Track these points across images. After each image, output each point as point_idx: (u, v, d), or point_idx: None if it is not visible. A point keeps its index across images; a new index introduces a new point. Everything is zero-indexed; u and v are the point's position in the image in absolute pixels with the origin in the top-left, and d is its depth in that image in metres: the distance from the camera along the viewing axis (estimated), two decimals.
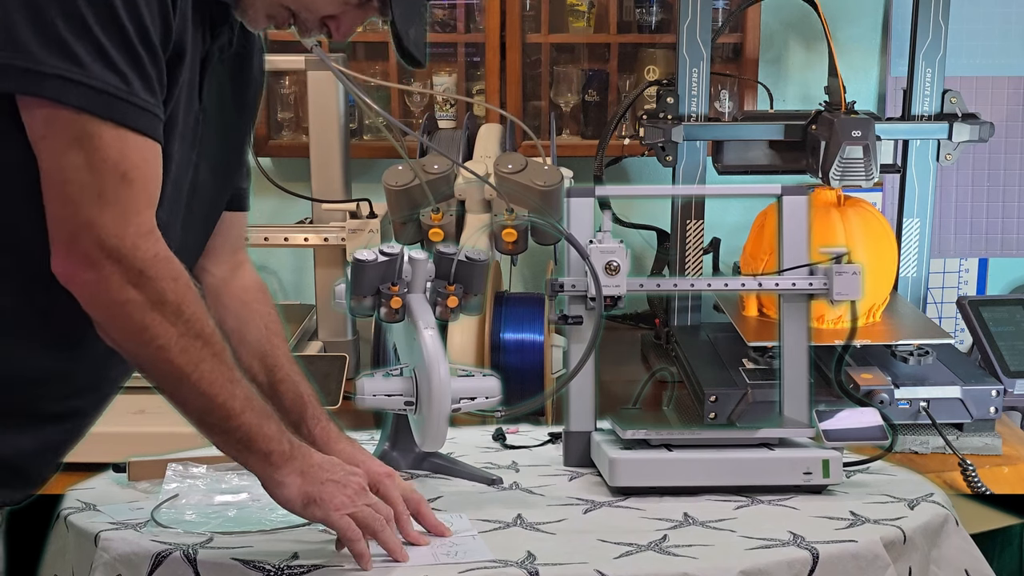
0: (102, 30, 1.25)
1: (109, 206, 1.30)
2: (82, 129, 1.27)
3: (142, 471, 1.91)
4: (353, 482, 1.50)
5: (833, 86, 2.76)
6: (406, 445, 1.89)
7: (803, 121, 2.80)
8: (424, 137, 2.90)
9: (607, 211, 1.99)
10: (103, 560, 1.59)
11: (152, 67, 1.30)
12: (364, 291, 1.83)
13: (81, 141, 1.27)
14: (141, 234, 1.33)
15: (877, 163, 2.64)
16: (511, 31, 3.44)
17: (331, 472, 1.50)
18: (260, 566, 1.51)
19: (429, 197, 2.65)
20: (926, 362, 2.70)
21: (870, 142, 2.60)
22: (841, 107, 2.72)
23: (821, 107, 2.79)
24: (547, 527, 1.68)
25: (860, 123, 2.61)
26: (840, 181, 2.62)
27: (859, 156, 2.60)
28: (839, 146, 2.60)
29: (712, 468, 1.85)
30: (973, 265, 3.74)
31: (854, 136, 2.60)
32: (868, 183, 2.64)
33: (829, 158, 2.62)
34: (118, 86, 1.28)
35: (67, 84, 1.25)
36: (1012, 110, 3.63)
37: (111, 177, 1.29)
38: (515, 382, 2.41)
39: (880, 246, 2.76)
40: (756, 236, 2.86)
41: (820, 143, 2.66)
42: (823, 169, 2.64)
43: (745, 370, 2.64)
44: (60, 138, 1.27)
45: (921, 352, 2.71)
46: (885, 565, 1.60)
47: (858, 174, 2.61)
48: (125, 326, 1.36)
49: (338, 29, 1.49)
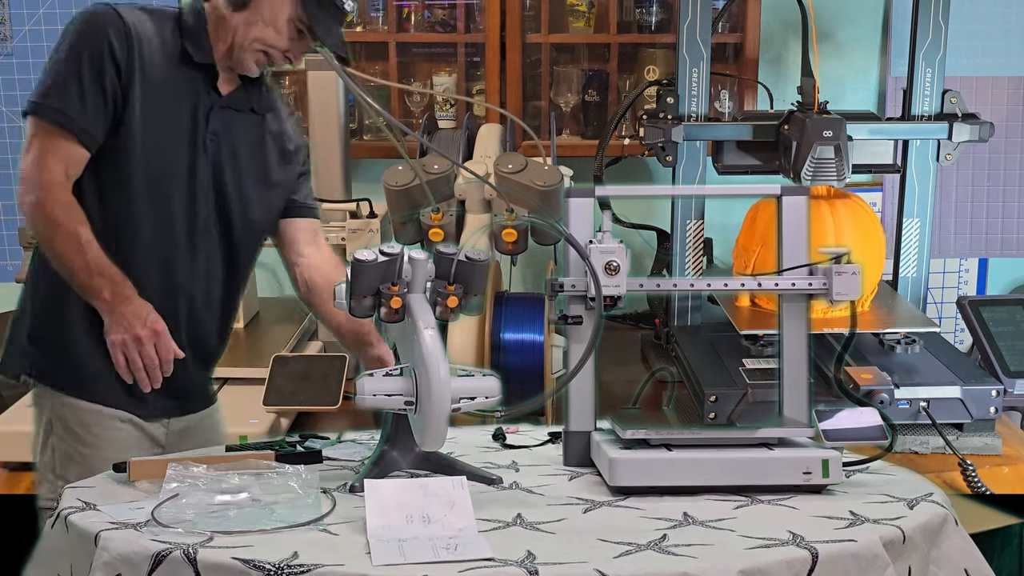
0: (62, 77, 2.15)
1: (30, 158, 2.15)
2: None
3: (142, 471, 1.91)
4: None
5: (806, 86, 2.76)
6: (406, 445, 1.89)
7: (774, 122, 2.80)
8: (424, 137, 2.91)
9: (607, 211, 1.99)
10: (103, 559, 1.59)
11: (81, 97, 2.12)
12: (364, 291, 1.83)
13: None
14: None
15: (848, 163, 2.64)
16: (511, 31, 3.44)
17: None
18: (260, 566, 1.51)
19: (429, 197, 2.65)
20: (914, 351, 2.72)
21: (841, 142, 2.61)
22: (814, 107, 2.72)
23: (793, 107, 2.79)
24: (547, 527, 1.69)
25: (831, 123, 2.62)
26: (812, 180, 2.63)
27: (831, 156, 2.61)
28: (811, 146, 2.61)
29: (712, 468, 1.85)
30: (973, 265, 3.74)
31: (825, 136, 2.60)
32: (840, 183, 2.65)
33: (801, 158, 2.63)
34: (64, 104, 2.13)
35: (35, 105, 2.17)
36: (1012, 110, 3.64)
37: (35, 144, 2.15)
38: (515, 382, 2.40)
39: (868, 237, 2.77)
40: (748, 228, 2.87)
41: (792, 143, 2.66)
42: (795, 169, 2.65)
43: (745, 370, 2.64)
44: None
45: (908, 341, 2.72)
46: (884, 565, 1.60)
47: (830, 174, 2.62)
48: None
49: (294, 57, 2.25)
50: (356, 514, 1.70)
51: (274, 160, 2.36)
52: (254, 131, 2.33)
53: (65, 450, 2.26)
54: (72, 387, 2.26)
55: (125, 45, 2.14)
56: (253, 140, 2.33)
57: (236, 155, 2.30)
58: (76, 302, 2.21)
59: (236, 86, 2.28)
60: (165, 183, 2.22)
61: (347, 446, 2.12)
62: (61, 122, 2.13)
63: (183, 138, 2.22)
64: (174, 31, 2.22)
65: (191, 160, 2.23)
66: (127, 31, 2.14)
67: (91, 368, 2.24)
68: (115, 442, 2.25)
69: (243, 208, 2.33)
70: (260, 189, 2.35)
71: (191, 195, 2.25)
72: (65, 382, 2.26)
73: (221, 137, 2.27)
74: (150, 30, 2.19)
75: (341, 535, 1.64)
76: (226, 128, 2.28)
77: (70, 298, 2.22)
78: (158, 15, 2.23)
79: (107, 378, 2.23)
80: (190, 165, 2.23)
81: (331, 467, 2.00)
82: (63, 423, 2.27)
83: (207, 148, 2.25)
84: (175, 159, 2.22)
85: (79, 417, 2.26)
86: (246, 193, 2.33)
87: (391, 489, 1.70)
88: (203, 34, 2.22)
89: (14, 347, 2.31)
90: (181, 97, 2.22)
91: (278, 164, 2.37)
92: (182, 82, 2.22)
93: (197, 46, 2.22)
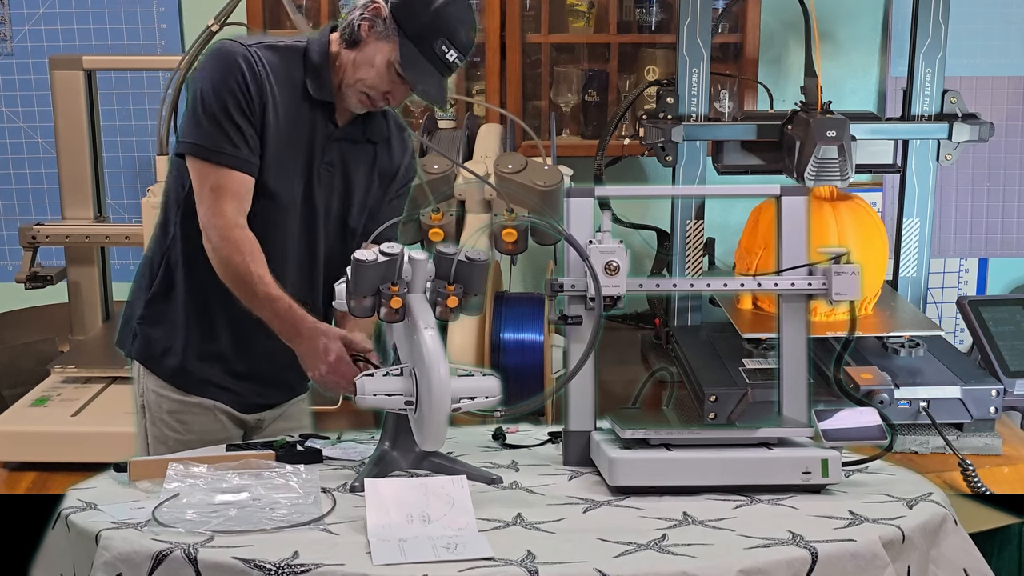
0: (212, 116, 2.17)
1: (205, 206, 2.18)
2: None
3: (143, 471, 1.92)
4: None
5: (810, 86, 2.76)
6: (406, 444, 1.90)
7: (778, 122, 2.80)
8: (424, 137, 2.91)
9: (607, 211, 1.99)
10: (104, 559, 1.60)
11: (236, 129, 2.16)
12: (364, 291, 1.83)
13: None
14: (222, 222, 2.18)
15: (852, 163, 2.64)
16: (511, 31, 3.44)
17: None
18: (260, 566, 1.51)
19: (429, 197, 2.65)
20: (917, 354, 2.72)
21: (845, 142, 2.60)
22: (817, 107, 2.72)
23: (797, 107, 2.79)
24: (547, 526, 1.69)
25: (835, 123, 2.62)
26: (815, 180, 2.63)
27: (834, 156, 2.61)
28: (814, 146, 2.60)
29: (711, 468, 1.85)
30: (973, 265, 3.74)
31: (829, 136, 2.60)
32: (844, 183, 2.65)
33: (804, 158, 2.63)
34: (219, 143, 2.16)
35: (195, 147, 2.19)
36: (1012, 110, 3.64)
37: (207, 191, 2.18)
38: (515, 382, 2.41)
39: (871, 240, 2.77)
40: (751, 231, 2.87)
41: (796, 143, 2.66)
42: (798, 169, 2.65)
43: (745, 370, 2.64)
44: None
45: (912, 344, 2.72)
46: (884, 564, 1.61)
47: (833, 174, 2.62)
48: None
49: (394, 98, 2.23)
50: (356, 514, 1.70)
51: (375, 187, 2.36)
52: (367, 161, 2.34)
53: (156, 434, 2.32)
54: (169, 376, 2.32)
55: (255, 80, 2.16)
56: (365, 170, 2.34)
57: (350, 185, 2.31)
58: (181, 301, 2.28)
59: (353, 116, 2.28)
60: (281, 213, 2.24)
61: (347, 446, 2.12)
62: (223, 162, 2.16)
63: (301, 169, 2.24)
64: (298, 66, 2.23)
65: (307, 191, 2.25)
66: (253, 66, 2.16)
67: (189, 365, 2.30)
68: (205, 431, 2.31)
69: (346, 237, 2.34)
70: (362, 219, 2.36)
71: (305, 224, 2.27)
72: (161, 371, 2.32)
73: (336, 169, 2.28)
74: (276, 64, 2.20)
75: (341, 535, 1.64)
76: (342, 159, 2.29)
77: (174, 295, 2.29)
78: (283, 50, 2.23)
79: (203, 374, 2.31)
80: (305, 196, 2.25)
81: (331, 467, 2.00)
82: (157, 408, 2.32)
83: (321, 179, 2.26)
84: (292, 189, 2.24)
85: (171, 406, 2.31)
86: (350, 222, 2.34)
87: (391, 488, 1.71)
88: (324, 69, 2.22)
89: (126, 326, 2.37)
90: (301, 129, 2.23)
91: (376, 191, 2.37)
92: (304, 114, 2.23)
93: (317, 82, 2.22)
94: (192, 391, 2.31)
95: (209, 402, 2.32)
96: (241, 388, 2.34)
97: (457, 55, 2.16)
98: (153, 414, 2.32)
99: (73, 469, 2.37)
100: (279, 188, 2.22)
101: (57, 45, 3.63)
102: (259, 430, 2.40)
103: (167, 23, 3.66)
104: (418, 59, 2.15)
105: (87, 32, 3.65)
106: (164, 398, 2.31)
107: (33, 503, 2.37)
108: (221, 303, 2.22)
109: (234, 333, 2.29)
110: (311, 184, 2.26)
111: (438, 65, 2.16)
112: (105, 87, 3.06)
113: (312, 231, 2.29)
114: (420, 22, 2.14)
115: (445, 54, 2.14)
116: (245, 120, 2.16)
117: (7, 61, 3.66)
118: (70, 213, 3.12)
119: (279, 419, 2.43)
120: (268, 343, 2.17)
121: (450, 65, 2.17)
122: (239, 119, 2.16)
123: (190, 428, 2.31)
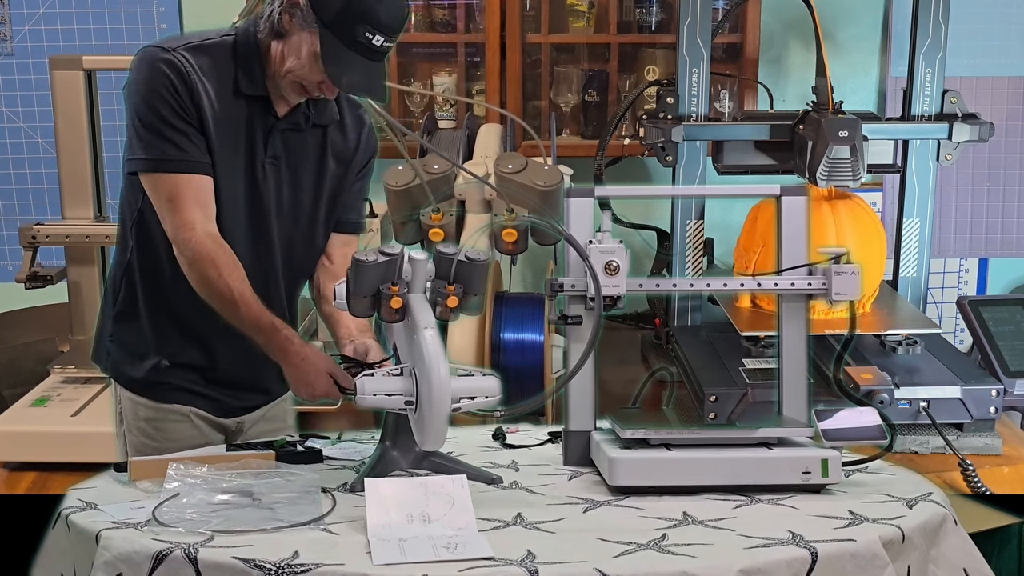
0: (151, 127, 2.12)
1: (168, 220, 2.13)
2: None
3: (143, 470, 1.92)
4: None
5: (821, 86, 2.76)
6: (406, 444, 1.90)
7: (791, 121, 2.80)
8: (424, 137, 2.91)
9: (607, 211, 1.99)
10: (104, 559, 1.60)
11: (178, 134, 2.11)
12: (364, 291, 1.83)
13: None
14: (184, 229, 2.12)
15: (864, 163, 2.64)
16: (511, 31, 3.44)
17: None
18: (261, 565, 1.52)
19: (429, 197, 2.65)
20: (915, 352, 2.72)
21: (857, 142, 2.60)
22: (829, 107, 2.72)
23: (809, 107, 2.79)
24: (547, 526, 1.69)
25: (847, 123, 2.61)
26: (827, 181, 2.62)
27: (846, 156, 2.60)
28: (826, 146, 2.60)
29: (711, 467, 1.85)
30: (973, 265, 3.74)
31: (841, 136, 2.60)
32: (855, 183, 2.64)
33: (816, 158, 2.62)
34: (163, 151, 2.11)
35: (141, 162, 2.14)
36: (1012, 110, 3.64)
37: (164, 203, 2.13)
38: (515, 382, 2.41)
39: (869, 238, 2.77)
40: (749, 229, 2.87)
41: (807, 143, 2.66)
42: (810, 169, 2.65)
43: (745, 370, 2.64)
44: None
45: (910, 342, 2.72)
46: (884, 564, 1.61)
47: (845, 174, 2.62)
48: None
49: (328, 91, 2.14)
50: (356, 513, 1.70)
51: (331, 172, 2.30)
52: (316, 147, 2.28)
53: (134, 442, 2.30)
54: (141, 389, 2.30)
55: (184, 84, 2.10)
56: (315, 156, 2.28)
57: (298, 176, 2.25)
58: (145, 317, 2.26)
59: (296, 103, 2.21)
60: (232, 210, 2.18)
61: (347, 446, 2.12)
62: (172, 168, 2.10)
63: (244, 166, 2.19)
64: (228, 61, 2.15)
65: (252, 187, 2.20)
66: (180, 69, 2.10)
67: (161, 377, 2.28)
68: (182, 438, 2.28)
69: (304, 227, 2.30)
70: (321, 206, 2.31)
71: (254, 220, 2.22)
72: (134, 385, 2.30)
73: (280, 161, 2.23)
74: (204, 64, 2.13)
75: (341, 534, 1.64)
76: (287, 149, 2.23)
77: (138, 311, 2.26)
78: (210, 48, 2.15)
79: (177, 382, 2.28)
80: (251, 193, 2.20)
81: (331, 467, 2.00)
82: (133, 416, 2.30)
83: (267, 173, 2.21)
84: (236, 187, 2.18)
85: (147, 414, 2.30)
86: (306, 212, 2.29)
87: (391, 488, 1.71)
88: (255, 62, 2.15)
89: (99, 343, 2.35)
90: (239, 125, 2.17)
91: (334, 175, 2.31)
92: (240, 110, 2.16)
93: (248, 76, 2.15)
94: (166, 400, 2.29)
95: (185, 408, 2.29)
96: (217, 393, 2.32)
97: (384, 39, 2.04)
98: (130, 422, 2.30)
99: (73, 469, 2.37)
100: (223, 188, 2.15)
101: (57, 45, 3.63)
102: (240, 433, 2.37)
103: (167, 23, 3.66)
104: (340, 49, 2.04)
105: (87, 32, 3.65)
106: (140, 405, 2.29)
107: (33, 503, 2.37)
108: (187, 315, 2.20)
109: (203, 343, 2.26)
110: (255, 180, 2.20)
111: (364, 52, 2.04)
112: (105, 87, 3.05)
113: (262, 227, 2.23)
114: (334, 9, 2.03)
115: (370, 40, 2.02)
116: (184, 123, 2.10)
117: (7, 61, 3.66)
118: (70, 213, 3.11)
119: (261, 421, 2.40)
120: (240, 348, 2.13)
121: (377, 50, 2.04)
122: (177, 123, 2.10)
123: (167, 435, 2.28)
